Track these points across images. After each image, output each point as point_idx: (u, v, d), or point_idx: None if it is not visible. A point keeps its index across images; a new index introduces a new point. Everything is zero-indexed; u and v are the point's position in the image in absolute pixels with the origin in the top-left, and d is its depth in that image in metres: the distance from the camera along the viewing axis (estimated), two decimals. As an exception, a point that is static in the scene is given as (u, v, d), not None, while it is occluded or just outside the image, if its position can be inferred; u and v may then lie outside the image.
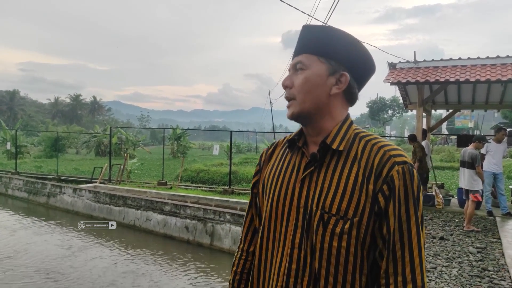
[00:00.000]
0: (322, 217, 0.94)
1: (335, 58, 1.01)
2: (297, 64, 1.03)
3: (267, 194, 1.07)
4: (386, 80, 8.25)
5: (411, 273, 0.91)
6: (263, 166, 1.17)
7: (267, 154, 1.18)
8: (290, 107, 1.03)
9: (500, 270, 4.47)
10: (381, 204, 0.93)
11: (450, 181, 14.17)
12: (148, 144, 46.71)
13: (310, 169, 0.99)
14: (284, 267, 0.98)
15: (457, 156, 22.74)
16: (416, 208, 0.93)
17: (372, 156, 0.95)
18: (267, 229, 1.05)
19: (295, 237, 0.98)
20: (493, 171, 7.26)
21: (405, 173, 0.93)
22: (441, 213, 7.79)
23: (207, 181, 15.71)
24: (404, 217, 0.92)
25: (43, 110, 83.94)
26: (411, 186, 0.93)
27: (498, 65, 7.93)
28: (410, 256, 0.92)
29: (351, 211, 0.93)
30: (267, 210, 1.05)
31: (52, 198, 13.08)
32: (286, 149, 1.11)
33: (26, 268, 7.10)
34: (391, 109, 57.59)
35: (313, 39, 1.02)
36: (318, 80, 1.00)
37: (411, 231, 0.93)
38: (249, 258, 1.20)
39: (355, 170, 0.95)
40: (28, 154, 28.76)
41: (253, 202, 1.20)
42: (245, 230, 1.22)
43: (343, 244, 0.93)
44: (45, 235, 9.53)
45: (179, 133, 30.37)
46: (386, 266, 0.93)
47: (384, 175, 0.93)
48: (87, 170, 18.76)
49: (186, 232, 9.19)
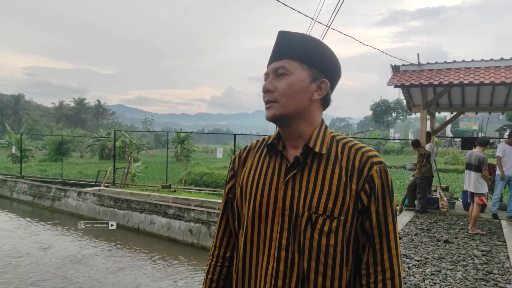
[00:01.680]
0: (310, 217, 0.98)
1: (316, 66, 1.05)
2: (279, 69, 1.04)
3: (248, 198, 1.08)
4: (389, 83, 8.24)
5: (389, 262, 1.01)
6: (237, 171, 1.17)
7: (241, 158, 1.18)
8: (270, 108, 1.05)
9: (506, 273, 4.44)
10: (364, 201, 1.00)
11: (454, 184, 14.10)
12: (152, 147, 46.84)
13: (293, 172, 1.02)
14: (271, 269, 1.00)
15: (461, 159, 22.60)
16: (391, 202, 1.03)
17: (352, 158, 1.02)
18: (250, 233, 1.06)
19: (281, 238, 1.00)
20: (508, 175, 7.21)
21: (382, 171, 1.01)
22: (445, 216, 7.76)
23: (211, 184, 15.73)
24: (382, 212, 1.01)
25: (47, 114, 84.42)
26: (387, 184, 1.02)
27: (502, 67, 7.90)
28: (388, 247, 1.02)
29: (337, 210, 0.98)
30: (249, 214, 1.06)
31: (56, 201, 13.14)
32: (262, 153, 1.13)
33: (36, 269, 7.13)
34: (395, 111, 57.43)
35: (295, 46, 1.05)
36: (302, 85, 1.04)
37: (388, 224, 1.02)
38: (226, 264, 1.19)
39: (337, 171, 1.01)
40: (33, 158, 28.89)
41: (228, 207, 1.20)
42: (219, 236, 1.21)
43: (331, 242, 0.98)
44: (48, 238, 9.57)
45: (183, 137, 30.41)
46: (367, 257, 1.02)
47: (365, 175, 1.00)
48: (91, 174, 18.83)
49: (190, 235, 9.20)
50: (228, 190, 1.19)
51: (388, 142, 38.15)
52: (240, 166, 1.17)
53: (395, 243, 1.02)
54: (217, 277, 1.19)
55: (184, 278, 7.14)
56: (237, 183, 1.15)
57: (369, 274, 1.01)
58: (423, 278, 4.23)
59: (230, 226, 1.20)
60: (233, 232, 1.18)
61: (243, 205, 1.10)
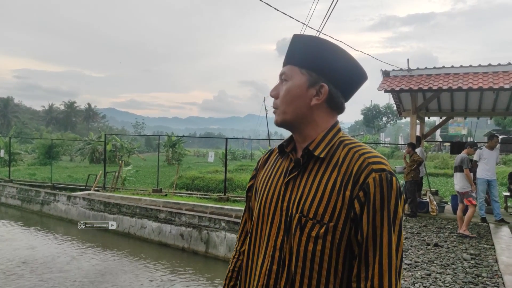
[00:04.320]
0: (300, 220, 0.98)
1: (316, 70, 1.03)
2: (282, 74, 1.07)
3: (258, 198, 1.12)
4: (380, 88, 8.32)
5: (378, 279, 0.92)
6: (258, 171, 1.22)
7: (263, 160, 1.23)
8: (275, 114, 1.09)
9: (494, 276, 4.49)
10: (356, 210, 0.94)
11: (444, 188, 14.24)
12: (143, 151, 46.55)
13: (293, 174, 1.04)
14: (265, 267, 1.02)
15: (451, 163, 22.86)
16: (390, 215, 0.94)
17: (352, 163, 0.97)
18: (254, 231, 1.10)
19: (277, 239, 1.02)
20: (487, 178, 7.32)
21: (382, 180, 0.93)
22: (435, 219, 7.83)
23: (202, 188, 15.66)
24: (378, 224, 0.93)
25: (37, 117, 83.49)
26: (387, 194, 0.93)
27: (490, 73, 8.03)
28: (380, 262, 0.92)
29: (327, 216, 0.95)
30: (256, 212, 1.11)
31: (46, 206, 12.98)
32: (278, 155, 1.16)
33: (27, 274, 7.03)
34: (386, 116, 57.96)
35: (297, 50, 1.06)
36: (298, 91, 1.03)
37: (383, 238, 0.93)
38: (240, 258, 1.24)
39: (334, 176, 0.98)
40: (22, 162, 28.55)
41: (247, 206, 1.26)
42: (240, 231, 1.28)
43: (318, 247, 0.96)
44: (39, 243, 9.44)
45: (174, 140, 30.30)
46: (358, 270, 0.95)
47: (361, 182, 0.94)
48: (81, 178, 18.65)
49: (181, 239, 9.14)
50: (248, 188, 1.25)
51: (378, 146, 38.43)
52: (261, 167, 1.21)
53: (388, 259, 0.93)
54: (232, 267, 1.26)
55: (174, 282, 7.09)
56: (255, 183, 1.21)
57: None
58: (413, 282, 4.26)
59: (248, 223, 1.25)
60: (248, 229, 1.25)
61: (255, 203, 1.15)
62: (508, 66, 8.09)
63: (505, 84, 7.32)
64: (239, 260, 1.25)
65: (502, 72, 7.96)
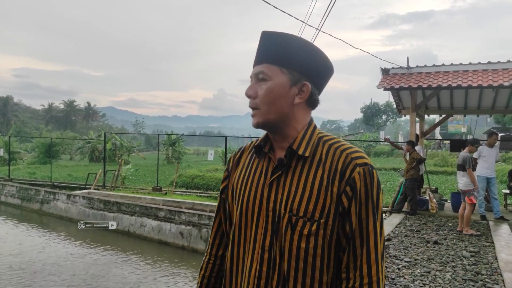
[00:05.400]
0: (290, 219, 0.98)
1: (297, 69, 1.02)
2: (259, 74, 1.03)
3: (237, 199, 1.09)
4: (379, 86, 8.31)
5: (367, 268, 0.97)
6: (231, 172, 1.18)
7: (235, 159, 1.19)
8: (254, 116, 1.04)
9: (493, 273, 4.50)
10: (344, 204, 0.97)
11: (443, 186, 14.25)
12: (142, 150, 46.52)
13: (277, 173, 1.02)
14: (255, 269, 1.01)
15: (450, 161, 22.89)
16: (374, 205, 0.99)
17: (336, 160, 1.00)
18: (237, 233, 1.07)
19: (265, 240, 1.01)
20: (486, 176, 7.33)
21: (366, 174, 0.98)
22: (435, 217, 7.84)
23: (202, 187, 15.67)
24: (364, 216, 0.98)
25: (36, 116, 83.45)
26: (371, 187, 0.98)
27: (490, 71, 8.02)
28: (367, 252, 0.98)
29: (317, 213, 0.97)
30: (237, 214, 1.08)
31: (45, 204, 12.98)
32: (253, 155, 1.13)
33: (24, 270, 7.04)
34: (385, 114, 57.95)
35: (274, 48, 1.02)
36: (281, 91, 1.02)
37: (369, 228, 0.98)
38: (218, 262, 1.20)
39: (320, 174, 0.99)
40: (22, 161, 28.54)
41: (221, 207, 1.21)
42: (213, 234, 1.23)
43: (310, 245, 0.97)
44: (35, 241, 9.45)
45: (174, 139, 30.29)
46: (347, 261, 0.99)
47: (347, 177, 0.97)
48: (81, 176, 18.65)
49: (181, 238, 9.15)
50: (221, 190, 1.20)
51: (378, 145, 38.42)
52: (234, 167, 1.18)
53: (375, 248, 0.98)
54: (209, 273, 1.20)
55: (172, 280, 7.10)
56: (230, 184, 1.16)
57: (349, 279, 0.99)
58: (412, 279, 4.26)
59: (223, 226, 1.21)
60: (225, 232, 1.20)
61: (233, 205, 1.11)
62: (508, 63, 8.08)
63: (504, 81, 7.32)
64: (215, 265, 1.20)
65: (501, 70, 7.95)
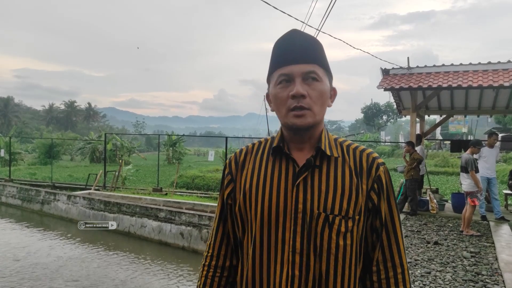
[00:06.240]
0: (327, 218, 0.99)
1: (330, 74, 1.07)
2: (311, 73, 1.00)
3: (254, 203, 1.04)
4: (379, 86, 8.31)
5: (399, 258, 1.06)
6: (236, 175, 1.11)
7: (238, 162, 1.13)
8: (303, 116, 1.00)
9: (494, 274, 4.49)
10: (374, 201, 1.04)
11: (444, 186, 14.23)
12: (143, 150, 46.57)
13: (304, 174, 1.01)
14: (286, 273, 0.98)
15: (451, 161, 22.86)
16: (395, 200, 1.09)
17: (358, 159, 1.06)
18: (259, 239, 1.02)
19: (295, 242, 0.98)
20: (487, 176, 7.31)
21: (386, 171, 1.07)
22: (435, 218, 7.83)
23: (203, 187, 15.66)
24: (389, 210, 1.07)
25: (37, 117, 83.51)
26: (390, 182, 1.08)
27: (490, 71, 8.01)
28: (397, 243, 1.07)
29: (351, 210, 1.00)
30: (257, 219, 1.03)
31: (46, 205, 12.99)
32: (264, 156, 1.10)
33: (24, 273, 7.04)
34: (386, 114, 57.88)
35: (318, 50, 1.03)
36: (328, 94, 1.05)
37: (395, 221, 1.07)
38: (225, 274, 1.14)
39: (348, 173, 1.03)
40: (22, 161, 28.58)
41: (227, 214, 1.14)
42: (217, 245, 1.15)
43: (347, 242, 0.99)
44: (37, 241, 9.45)
45: (175, 139, 30.31)
46: (377, 255, 1.06)
47: (373, 175, 1.04)
48: (81, 177, 18.66)
49: (181, 238, 9.15)
50: (227, 195, 1.13)
51: (379, 145, 38.41)
52: (239, 170, 1.11)
53: (402, 239, 1.07)
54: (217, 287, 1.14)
55: (174, 282, 7.10)
56: (238, 188, 1.10)
57: (380, 270, 1.06)
58: (413, 280, 4.26)
59: (229, 234, 1.14)
60: (232, 239, 1.14)
61: (248, 210, 1.05)
62: (508, 64, 8.07)
63: (504, 82, 7.32)
64: (222, 277, 1.14)
65: (502, 70, 7.94)
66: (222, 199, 1.15)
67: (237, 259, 1.14)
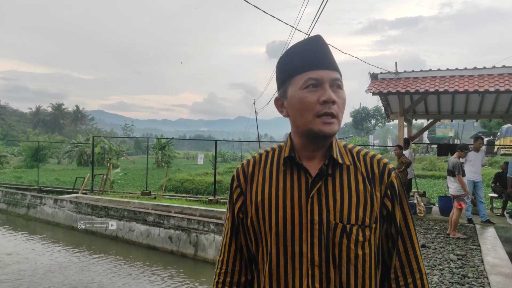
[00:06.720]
0: (345, 228, 0.96)
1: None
2: (337, 80, 0.99)
3: (268, 217, 1.01)
4: (368, 90, 8.39)
5: (416, 263, 1.05)
6: (245, 188, 1.08)
7: (247, 174, 1.09)
8: (332, 124, 0.98)
9: (480, 276, 4.55)
10: (388, 207, 1.02)
11: (431, 190, 14.40)
12: (132, 153, 46.18)
13: (318, 184, 0.99)
14: (306, 286, 0.96)
15: (438, 165, 23.16)
16: (408, 204, 1.07)
17: (369, 166, 1.04)
18: (275, 252, 0.99)
19: (313, 254, 0.96)
20: (473, 180, 7.41)
21: (397, 177, 1.06)
22: (422, 221, 7.91)
23: (192, 191, 15.61)
24: (404, 216, 1.05)
25: (24, 120, 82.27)
26: (403, 188, 1.07)
27: (476, 76, 8.15)
28: (413, 248, 1.05)
29: (367, 219, 0.98)
30: (273, 233, 1.00)
31: (32, 209, 12.78)
32: (273, 167, 1.07)
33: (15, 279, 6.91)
34: (374, 118, 58.48)
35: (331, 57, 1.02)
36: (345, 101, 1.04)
37: (410, 226, 1.05)
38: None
39: (361, 180, 1.01)
40: (8, 164, 28.08)
41: (239, 229, 1.10)
42: (231, 261, 1.12)
43: (366, 251, 0.97)
44: (20, 246, 9.29)
45: (164, 143, 30.13)
46: (394, 261, 1.04)
47: (386, 181, 1.03)
48: (69, 181, 18.42)
49: (169, 242, 9.08)
50: (238, 209, 1.09)
51: (367, 148, 38.73)
52: (248, 183, 1.08)
53: (418, 244, 1.06)
54: None
55: (163, 285, 7.04)
56: (248, 201, 1.06)
57: (398, 277, 1.04)
58: (400, 283, 4.29)
59: (242, 248, 1.11)
60: (246, 253, 1.10)
61: (262, 224, 1.02)
62: (493, 69, 8.23)
63: (490, 87, 7.45)
64: None
65: (487, 75, 8.09)
66: (232, 213, 1.11)
67: (252, 274, 1.10)
